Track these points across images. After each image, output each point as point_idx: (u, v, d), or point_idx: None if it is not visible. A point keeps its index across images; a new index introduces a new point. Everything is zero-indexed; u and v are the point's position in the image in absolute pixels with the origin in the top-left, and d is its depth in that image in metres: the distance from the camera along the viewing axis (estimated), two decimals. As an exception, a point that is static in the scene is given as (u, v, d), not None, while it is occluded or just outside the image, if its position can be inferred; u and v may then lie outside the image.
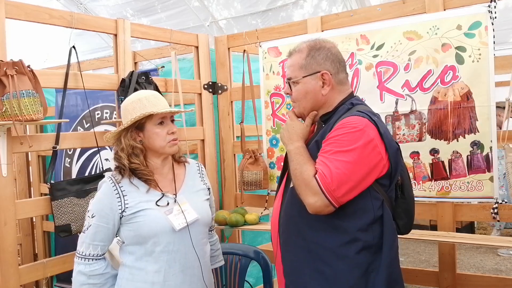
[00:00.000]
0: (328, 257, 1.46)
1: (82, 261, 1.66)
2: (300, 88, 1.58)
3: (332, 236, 1.46)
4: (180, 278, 1.70)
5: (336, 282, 1.44)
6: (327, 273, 1.45)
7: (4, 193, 2.12)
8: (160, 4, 6.79)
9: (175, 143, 1.74)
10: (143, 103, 1.70)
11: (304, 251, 1.50)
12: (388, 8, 2.48)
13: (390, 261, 1.45)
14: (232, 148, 3.16)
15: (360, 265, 1.43)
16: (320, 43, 1.60)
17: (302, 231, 1.51)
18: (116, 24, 2.62)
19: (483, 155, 2.21)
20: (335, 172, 1.37)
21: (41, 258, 3.75)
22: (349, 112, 1.51)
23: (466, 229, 5.22)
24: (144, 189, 1.71)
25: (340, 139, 1.41)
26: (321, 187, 1.37)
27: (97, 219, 1.66)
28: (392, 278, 1.46)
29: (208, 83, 3.13)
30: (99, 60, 4.07)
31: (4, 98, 2.01)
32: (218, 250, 2.06)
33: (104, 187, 1.71)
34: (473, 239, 2.28)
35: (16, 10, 2.20)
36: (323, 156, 1.43)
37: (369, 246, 1.44)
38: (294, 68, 1.59)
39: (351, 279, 1.43)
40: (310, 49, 1.57)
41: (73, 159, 3.54)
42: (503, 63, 2.23)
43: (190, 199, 1.78)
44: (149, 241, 1.67)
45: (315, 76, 1.55)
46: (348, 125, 1.42)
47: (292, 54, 1.62)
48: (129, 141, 1.70)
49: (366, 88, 2.47)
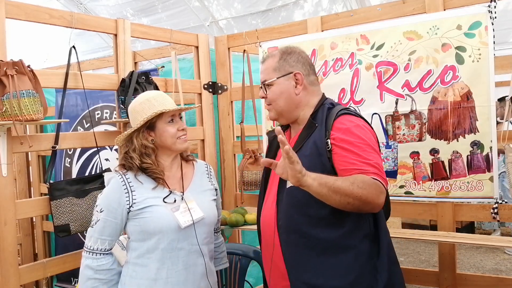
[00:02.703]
0: (332, 250, 1.52)
1: (89, 255, 1.68)
2: (275, 89, 1.66)
3: (333, 229, 1.51)
4: (183, 276, 1.71)
5: (343, 272, 1.50)
6: (332, 265, 1.51)
7: (4, 193, 2.12)
8: (160, 4, 6.79)
9: (186, 139, 1.78)
10: (152, 103, 1.73)
11: (307, 248, 1.54)
12: (388, 8, 2.48)
13: (387, 245, 1.56)
14: (232, 148, 3.16)
15: (363, 253, 1.52)
16: (291, 48, 1.73)
17: (304, 229, 1.54)
18: (116, 24, 2.62)
19: (483, 155, 2.21)
20: (377, 164, 1.46)
21: (41, 258, 3.75)
22: (334, 110, 1.60)
23: (466, 229, 5.22)
24: (151, 185, 1.73)
25: (357, 140, 1.50)
26: (382, 183, 1.44)
27: (105, 213, 1.68)
28: (392, 261, 1.57)
29: (208, 83, 3.13)
30: (99, 60, 4.07)
31: (4, 98, 2.01)
32: (223, 252, 2.07)
33: (113, 182, 1.73)
34: (473, 239, 2.27)
35: (16, 10, 2.20)
36: (357, 158, 1.46)
37: (368, 234, 1.54)
38: (268, 71, 1.68)
39: (357, 268, 1.50)
40: (282, 53, 1.69)
41: (73, 159, 3.54)
42: (503, 63, 2.23)
43: (197, 198, 1.80)
44: (153, 237, 1.68)
45: (288, 76, 1.66)
46: (352, 126, 1.53)
47: (265, 60, 1.73)
48: (142, 141, 1.72)
49: (366, 88, 2.47)
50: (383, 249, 1.54)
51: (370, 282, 1.51)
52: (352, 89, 2.52)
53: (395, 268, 1.58)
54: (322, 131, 1.56)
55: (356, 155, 1.47)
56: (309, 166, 1.44)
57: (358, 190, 1.36)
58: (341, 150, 1.50)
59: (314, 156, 1.54)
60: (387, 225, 1.66)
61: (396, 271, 1.59)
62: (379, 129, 2.45)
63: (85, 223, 2.35)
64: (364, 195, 1.37)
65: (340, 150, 1.50)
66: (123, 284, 1.71)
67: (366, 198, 1.37)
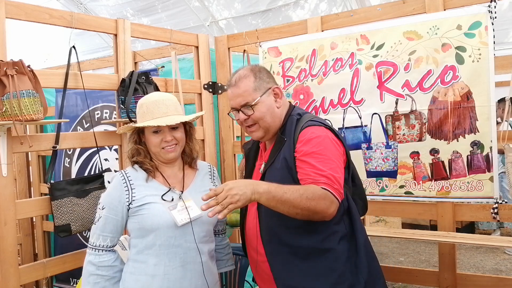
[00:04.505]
0: (314, 254, 1.60)
1: (92, 252, 1.74)
2: (261, 107, 1.69)
3: (313, 235, 1.60)
4: (180, 273, 1.73)
5: (326, 273, 1.59)
6: (315, 268, 1.59)
7: (4, 193, 2.12)
8: (160, 4, 6.79)
9: (170, 150, 1.76)
10: (143, 109, 1.76)
11: (291, 256, 1.62)
12: (388, 8, 2.48)
13: (364, 243, 1.65)
14: (232, 148, 3.16)
15: (342, 253, 1.61)
16: (258, 65, 1.79)
17: (285, 239, 1.62)
18: (116, 24, 2.62)
19: (483, 155, 2.21)
20: (331, 175, 1.51)
21: (41, 258, 3.74)
22: (301, 122, 1.67)
23: (466, 229, 5.21)
24: (154, 184, 1.77)
25: (315, 151, 1.56)
26: (333, 193, 1.49)
27: (107, 211, 1.73)
28: (370, 258, 1.66)
29: (208, 83, 3.13)
30: (99, 60, 4.07)
31: (4, 98, 2.01)
32: (229, 254, 2.08)
33: (115, 180, 1.78)
34: (473, 239, 2.28)
35: (16, 10, 2.20)
36: (312, 169, 1.53)
37: (344, 235, 1.63)
38: (248, 93, 1.68)
39: (339, 267, 1.59)
40: (255, 72, 1.72)
41: (72, 159, 3.54)
42: (503, 63, 2.23)
43: (196, 197, 1.81)
44: (150, 234, 1.71)
45: (268, 93, 1.71)
46: (312, 137, 1.59)
47: (236, 83, 1.71)
48: (132, 144, 1.81)
49: (366, 88, 2.47)
50: (360, 248, 1.62)
51: (351, 280, 1.59)
52: (352, 89, 2.52)
53: (374, 263, 1.67)
54: (290, 145, 1.63)
55: (311, 166, 1.54)
56: (280, 179, 1.56)
57: (306, 202, 1.43)
58: (300, 162, 1.58)
59: (285, 170, 1.62)
60: (388, 225, 1.69)
61: (375, 266, 1.68)
62: (379, 129, 2.45)
63: (85, 223, 2.35)
64: (313, 206, 1.44)
65: (299, 162, 1.58)
66: (123, 281, 1.74)
67: (314, 208, 1.45)
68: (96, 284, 1.71)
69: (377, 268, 1.69)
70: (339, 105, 2.57)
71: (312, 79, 2.66)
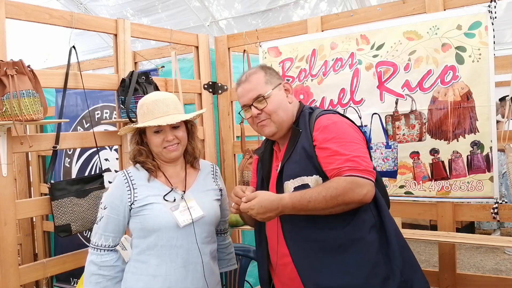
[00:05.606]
0: (344, 247, 1.51)
1: (94, 251, 1.73)
2: (274, 99, 1.65)
3: (340, 225, 1.51)
4: (182, 273, 1.73)
5: (358, 266, 1.49)
6: (347, 261, 1.50)
7: (4, 193, 2.12)
8: (160, 4, 6.79)
9: (172, 149, 1.76)
10: (143, 110, 1.75)
11: (319, 252, 1.54)
12: (388, 8, 2.48)
13: (395, 232, 1.55)
14: (232, 148, 3.16)
15: (373, 242, 1.51)
16: (265, 65, 1.81)
17: (311, 234, 1.55)
18: (116, 24, 2.62)
19: (483, 155, 2.21)
20: (355, 156, 1.46)
21: (41, 258, 3.74)
22: (314, 114, 1.64)
23: (466, 229, 5.21)
24: (156, 184, 1.77)
25: (335, 136, 1.52)
26: (361, 176, 1.43)
27: (109, 210, 1.73)
28: (401, 245, 1.55)
29: (208, 83, 3.13)
30: (99, 60, 4.07)
31: (4, 98, 2.01)
32: (231, 254, 2.07)
33: (117, 180, 1.77)
34: (473, 239, 2.27)
35: (16, 10, 2.19)
36: (334, 155, 1.48)
37: (374, 224, 1.53)
38: (260, 86, 1.66)
39: (372, 257, 1.49)
40: (264, 69, 1.72)
41: (72, 159, 3.55)
42: (503, 63, 2.23)
43: (198, 197, 1.81)
44: (152, 234, 1.71)
45: (279, 87, 1.69)
46: (329, 123, 1.56)
47: (247, 78, 1.70)
48: (134, 145, 1.81)
49: (366, 88, 2.47)
50: (391, 237, 1.52)
51: (386, 272, 1.49)
52: (352, 89, 2.52)
53: (407, 253, 1.57)
54: (307, 135, 1.59)
55: (333, 151, 1.49)
56: (300, 171, 1.52)
57: (333, 200, 1.41)
58: (320, 151, 1.53)
59: (305, 160, 1.56)
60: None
61: (409, 255, 1.57)
62: (379, 129, 2.45)
63: (85, 223, 2.35)
64: (341, 200, 1.42)
65: (319, 151, 1.53)
66: (125, 281, 1.74)
67: (344, 201, 1.42)
68: (98, 284, 1.71)
69: (412, 258, 1.59)
70: (339, 105, 2.57)
71: (312, 79, 2.66)
